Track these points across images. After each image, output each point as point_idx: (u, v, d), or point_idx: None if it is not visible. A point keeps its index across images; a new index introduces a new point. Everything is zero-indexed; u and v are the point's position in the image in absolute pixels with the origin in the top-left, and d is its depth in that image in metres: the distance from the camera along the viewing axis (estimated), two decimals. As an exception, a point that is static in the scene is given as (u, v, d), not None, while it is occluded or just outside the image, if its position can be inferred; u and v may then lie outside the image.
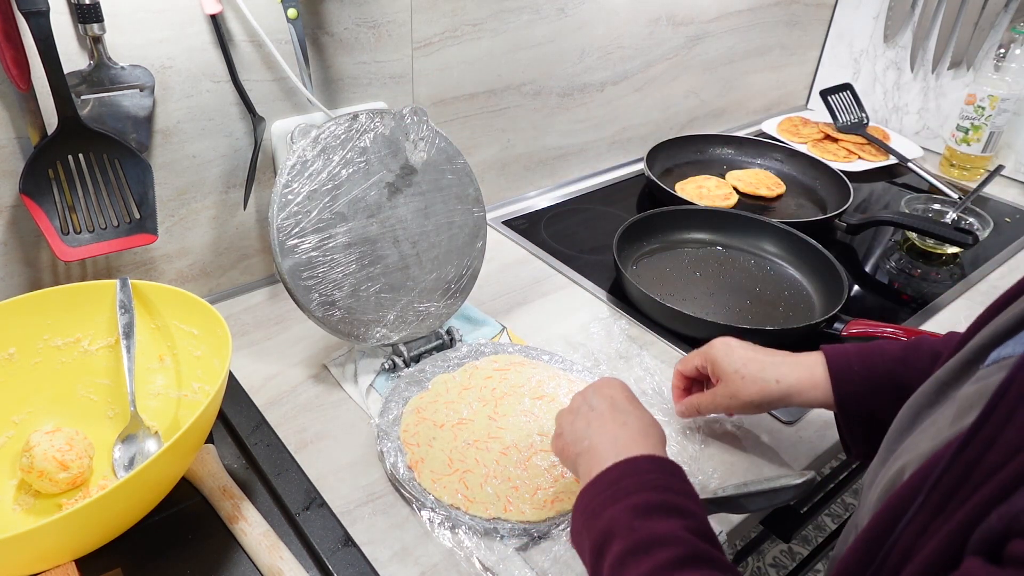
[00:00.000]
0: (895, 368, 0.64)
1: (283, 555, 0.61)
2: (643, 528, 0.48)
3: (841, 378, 0.65)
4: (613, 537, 0.49)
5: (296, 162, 0.75)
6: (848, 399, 0.65)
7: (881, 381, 0.64)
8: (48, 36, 0.67)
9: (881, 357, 0.65)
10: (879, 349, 0.66)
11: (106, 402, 0.74)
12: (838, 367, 0.66)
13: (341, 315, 0.79)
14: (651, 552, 0.47)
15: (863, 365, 0.65)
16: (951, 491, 0.37)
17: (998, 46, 1.33)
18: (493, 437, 0.74)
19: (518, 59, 1.11)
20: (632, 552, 0.47)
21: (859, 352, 0.66)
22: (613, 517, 0.50)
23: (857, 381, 0.65)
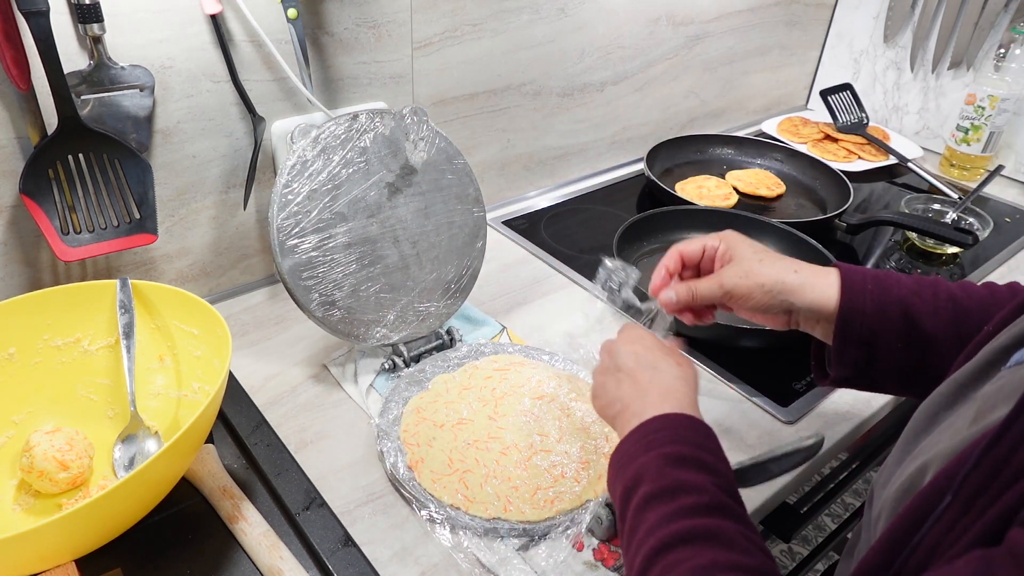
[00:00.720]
0: (907, 297, 0.62)
1: (283, 555, 0.61)
2: (671, 475, 0.50)
3: (852, 291, 0.62)
4: (642, 481, 0.50)
5: (296, 162, 0.75)
6: (853, 314, 0.62)
7: (891, 306, 0.61)
8: (48, 36, 0.67)
9: (896, 284, 0.63)
10: (895, 276, 0.64)
11: (106, 402, 0.74)
12: (851, 281, 0.63)
13: (341, 315, 0.79)
14: (676, 497, 0.48)
15: (876, 285, 0.63)
16: (980, 489, 0.37)
17: (998, 46, 1.33)
18: (493, 437, 0.74)
19: (518, 59, 1.11)
20: (657, 495, 0.49)
21: (874, 274, 0.64)
22: (644, 463, 0.51)
23: (867, 299, 0.62)
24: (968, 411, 0.44)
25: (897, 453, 0.50)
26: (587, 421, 0.75)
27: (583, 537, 0.66)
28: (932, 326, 0.60)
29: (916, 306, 0.61)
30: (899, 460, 0.49)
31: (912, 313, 0.61)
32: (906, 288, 0.62)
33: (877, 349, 0.62)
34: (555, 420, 0.75)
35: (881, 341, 0.61)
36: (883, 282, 0.63)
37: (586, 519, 0.67)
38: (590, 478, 0.70)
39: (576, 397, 0.78)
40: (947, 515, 0.38)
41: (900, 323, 0.61)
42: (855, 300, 0.62)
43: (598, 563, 0.64)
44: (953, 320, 0.60)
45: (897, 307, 0.61)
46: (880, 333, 0.61)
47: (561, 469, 0.71)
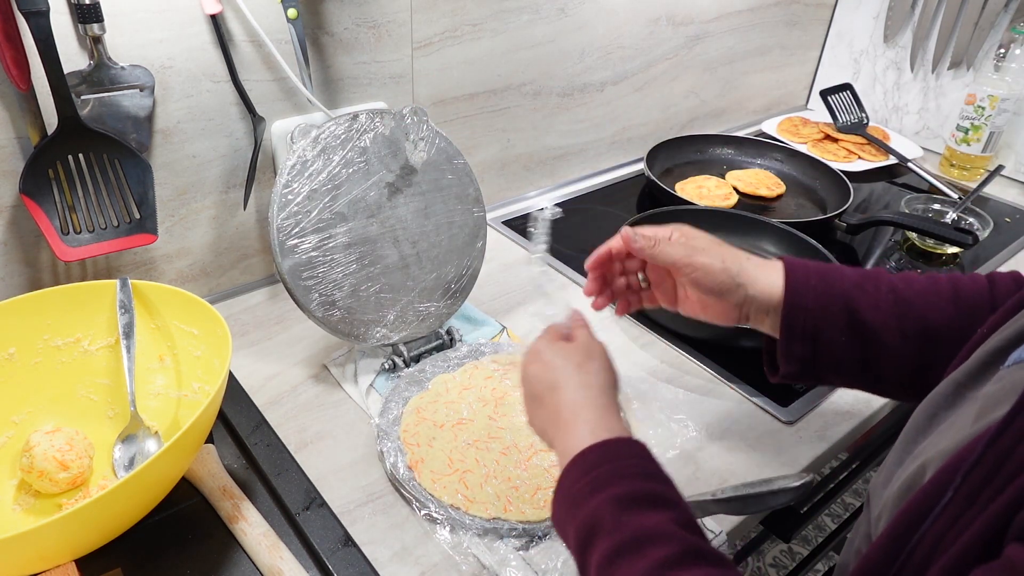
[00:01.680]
0: (849, 291, 0.61)
1: (283, 555, 0.61)
2: (631, 523, 0.46)
3: (795, 285, 0.62)
4: (599, 531, 0.47)
5: (296, 162, 0.75)
6: (796, 309, 0.61)
7: (833, 299, 0.61)
8: (48, 36, 0.67)
9: (839, 277, 0.63)
10: (838, 270, 0.64)
11: (106, 402, 0.74)
12: (795, 275, 0.63)
13: (341, 315, 0.79)
14: (643, 550, 0.45)
15: (820, 279, 0.62)
16: (982, 484, 0.36)
17: (998, 46, 1.33)
18: (493, 437, 0.74)
19: (518, 59, 1.11)
20: (623, 551, 0.45)
21: (818, 268, 0.63)
22: (597, 508, 0.48)
23: (810, 294, 0.62)
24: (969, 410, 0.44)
25: (896, 453, 0.50)
26: None
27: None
28: (874, 319, 0.60)
29: (858, 299, 0.61)
30: (899, 460, 0.49)
31: (854, 306, 0.61)
32: (849, 281, 0.62)
33: (821, 343, 0.61)
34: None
35: (824, 335, 0.61)
36: (827, 276, 0.63)
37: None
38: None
39: None
40: (948, 511, 0.38)
41: (842, 317, 0.61)
42: (798, 294, 0.62)
43: (598, 563, 0.64)
44: (895, 312, 0.60)
45: (839, 301, 0.61)
46: (823, 327, 0.61)
47: None
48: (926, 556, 0.38)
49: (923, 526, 0.39)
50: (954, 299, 0.61)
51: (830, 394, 0.85)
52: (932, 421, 0.48)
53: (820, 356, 0.62)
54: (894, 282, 0.62)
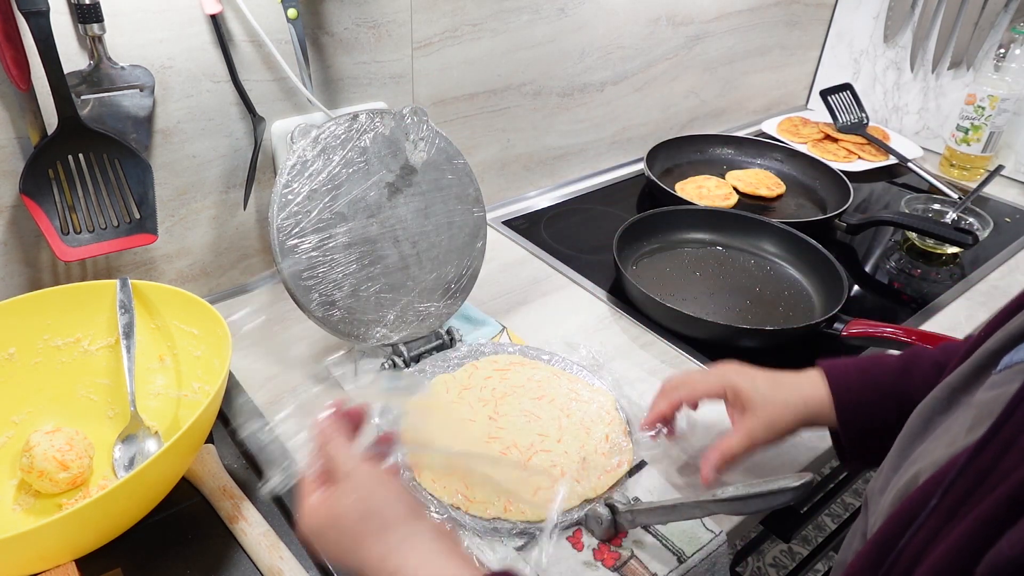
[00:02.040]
0: (897, 382, 0.63)
1: (283, 555, 0.61)
2: None
3: (841, 392, 0.65)
4: None
5: (296, 162, 0.75)
6: (849, 411, 0.64)
7: (884, 398, 0.63)
8: (48, 36, 0.67)
9: (880, 369, 0.65)
10: (877, 361, 0.66)
11: (106, 402, 0.74)
12: (837, 382, 0.65)
13: (341, 315, 0.79)
14: None
15: (862, 378, 0.65)
16: (963, 497, 0.36)
17: (998, 46, 1.33)
18: (493, 437, 0.74)
19: (518, 59, 1.11)
20: None
21: (857, 365, 0.66)
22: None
23: (857, 391, 0.64)
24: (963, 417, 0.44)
25: (892, 459, 0.50)
26: (587, 421, 0.75)
27: (583, 537, 0.66)
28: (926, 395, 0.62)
29: (905, 385, 0.63)
30: (895, 466, 0.49)
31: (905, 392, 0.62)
32: (891, 369, 0.64)
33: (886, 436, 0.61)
34: (555, 420, 0.75)
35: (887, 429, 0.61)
36: (867, 372, 0.65)
37: (586, 518, 0.67)
38: (590, 478, 0.70)
39: (576, 397, 0.78)
40: (930, 521, 0.38)
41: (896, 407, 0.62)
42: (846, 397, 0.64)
43: (598, 563, 0.64)
44: None
45: (890, 395, 0.63)
46: (882, 422, 0.62)
47: (561, 469, 0.71)
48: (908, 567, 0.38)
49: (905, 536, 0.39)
50: None
51: (830, 394, 0.85)
52: (927, 426, 0.49)
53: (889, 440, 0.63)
54: (935, 356, 0.64)
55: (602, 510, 0.65)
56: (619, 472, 0.71)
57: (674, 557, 0.65)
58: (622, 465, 0.71)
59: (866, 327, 0.90)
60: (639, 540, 0.66)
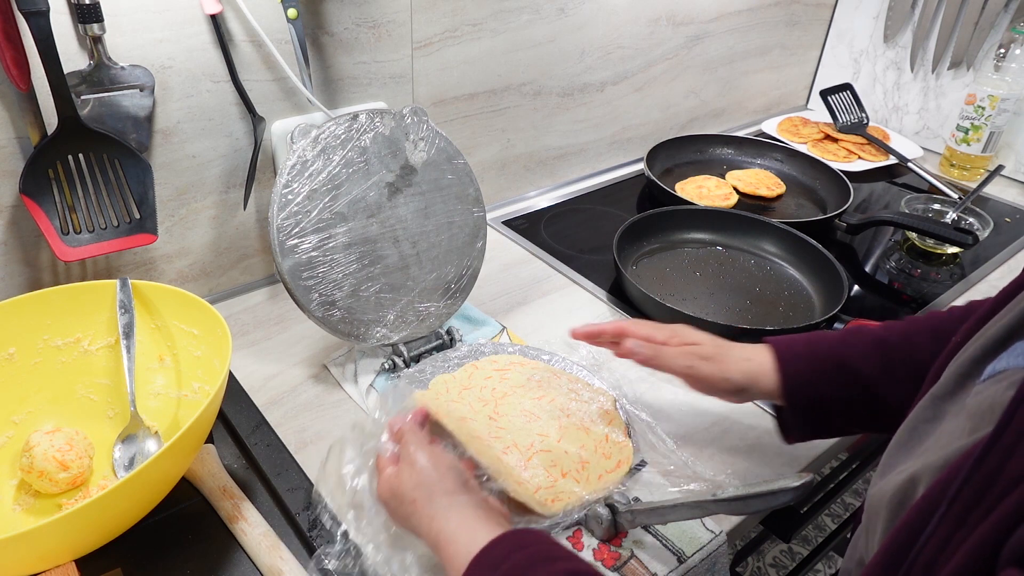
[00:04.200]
0: (838, 350, 0.66)
1: (283, 555, 0.61)
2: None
3: (787, 363, 0.67)
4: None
5: (296, 162, 0.75)
6: (795, 387, 0.66)
7: (826, 364, 0.66)
8: (48, 36, 0.67)
9: (823, 340, 0.67)
10: (820, 334, 0.69)
11: (106, 402, 0.74)
12: (782, 353, 0.67)
13: (341, 315, 0.79)
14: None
15: (806, 347, 0.67)
16: (972, 503, 0.36)
17: (998, 46, 1.33)
18: (493, 437, 0.73)
19: (518, 59, 1.11)
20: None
21: (801, 338, 0.68)
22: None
23: (803, 365, 0.66)
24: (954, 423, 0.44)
25: (882, 468, 0.51)
26: (587, 421, 0.75)
27: (583, 537, 0.66)
28: (865, 369, 0.64)
29: (845, 355, 0.65)
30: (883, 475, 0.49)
31: (845, 363, 0.65)
32: (833, 340, 0.67)
33: (825, 407, 0.66)
34: (555, 420, 0.75)
35: (826, 399, 0.65)
36: (811, 342, 0.68)
37: (586, 519, 0.67)
38: (590, 478, 0.70)
39: (576, 397, 0.78)
40: (940, 530, 0.38)
41: (837, 377, 0.65)
42: (792, 370, 0.66)
43: (598, 563, 0.64)
44: (882, 361, 0.64)
45: (830, 362, 0.66)
46: (823, 392, 0.65)
47: (561, 469, 0.71)
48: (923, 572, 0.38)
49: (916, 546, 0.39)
50: (932, 335, 0.65)
51: (830, 394, 0.85)
52: (913, 435, 0.49)
53: (830, 418, 0.66)
54: (876, 332, 0.67)
55: (602, 510, 0.65)
56: (619, 472, 0.71)
57: (674, 557, 0.65)
58: (622, 465, 0.71)
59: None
60: (639, 540, 0.66)
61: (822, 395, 0.65)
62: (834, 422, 0.67)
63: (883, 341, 0.66)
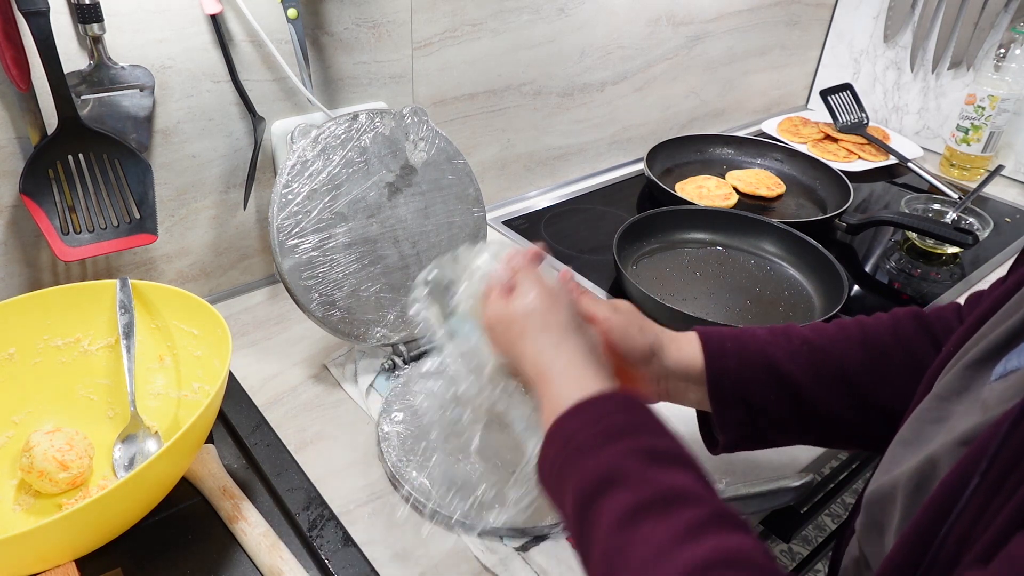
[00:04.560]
0: (765, 347, 0.62)
1: (283, 555, 0.61)
2: (657, 479, 0.42)
3: (713, 350, 0.62)
4: (617, 483, 0.43)
5: (296, 162, 0.75)
6: (720, 373, 0.61)
7: (752, 356, 0.61)
8: (48, 36, 0.67)
9: (752, 336, 0.63)
10: (750, 331, 0.64)
11: (106, 402, 0.74)
12: (710, 340, 0.62)
13: (341, 315, 0.79)
14: (672, 510, 0.41)
15: (735, 341, 0.62)
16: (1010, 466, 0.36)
17: (998, 46, 1.33)
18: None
19: (518, 59, 1.11)
20: (647, 507, 0.41)
21: (731, 332, 0.64)
22: (614, 459, 0.44)
23: (729, 356, 0.61)
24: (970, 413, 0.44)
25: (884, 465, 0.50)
26: None
27: (583, 537, 0.66)
28: (793, 370, 0.60)
29: (774, 354, 0.61)
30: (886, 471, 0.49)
31: (773, 361, 0.61)
32: (762, 339, 0.62)
33: (752, 405, 0.61)
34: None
35: (754, 396, 0.61)
36: (740, 337, 0.63)
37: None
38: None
39: None
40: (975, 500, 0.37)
41: (764, 374, 0.61)
42: (718, 359, 0.61)
43: (598, 563, 0.64)
44: (810, 361, 0.61)
45: (759, 358, 0.61)
46: (751, 388, 0.61)
47: None
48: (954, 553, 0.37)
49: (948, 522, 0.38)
50: (863, 342, 0.61)
51: (830, 394, 0.85)
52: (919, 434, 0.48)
53: (756, 418, 0.61)
54: (805, 333, 0.63)
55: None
56: None
57: (674, 557, 0.65)
58: None
59: (866, 327, 0.90)
60: (639, 540, 0.66)
61: (749, 394, 0.61)
62: (759, 427, 0.62)
63: (811, 344, 0.62)
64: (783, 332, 0.63)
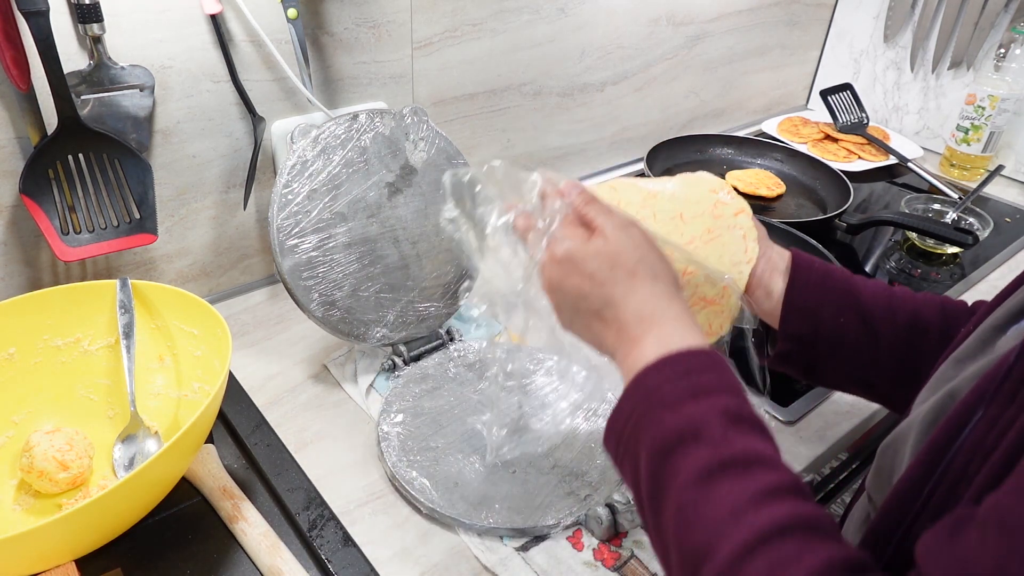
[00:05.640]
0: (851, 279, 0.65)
1: (283, 555, 0.61)
2: (739, 441, 0.42)
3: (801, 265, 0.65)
4: (699, 439, 0.42)
5: (296, 162, 0.75)
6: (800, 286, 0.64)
7: (836, 284, 0.64)
8: (48, 36, 0.67)
9: (839, 269, 0.67)
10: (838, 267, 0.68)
11: (106, 402, 0.74)
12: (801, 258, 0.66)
13: (341, 315, 0.79)
14: (752, 472, 0.41)
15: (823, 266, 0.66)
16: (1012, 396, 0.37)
17: (998, 46, 1.33)
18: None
19: (518, 59, 1.11)
20: (728, 465, 0.41)
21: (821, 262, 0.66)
22: (699, 415, 0.43)
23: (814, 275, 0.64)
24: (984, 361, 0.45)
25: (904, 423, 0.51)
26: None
27: (583, 537, 0.66)
28: (871, 303, 0.63)
29: (857, 284, 0.65)
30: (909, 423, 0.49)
31: (854, 290, 0.64)
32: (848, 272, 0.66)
33: (822, 322, 0.63)
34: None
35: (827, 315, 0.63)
36: (828, 265, 0.66)
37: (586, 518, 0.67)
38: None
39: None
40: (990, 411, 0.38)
41: (844, 296, 0.63)
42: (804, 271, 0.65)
43: (598, 563, 0.64)
44: (889, 303, 0.64)
45: (840, 284, 0.64)
46: (827, 305, 0.63)
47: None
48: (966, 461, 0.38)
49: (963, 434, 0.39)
50: (941, 307, 0.65)
51: (830, 394, 0.85)
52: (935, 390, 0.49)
53: (819, 334, 0.64)
54: (887, 284, 0.66)
55: (602, 510, 0.66)
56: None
57: (674, 557, 0.65)
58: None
59: (866, 327, 0.89)
60: (639, 540, 0.66)
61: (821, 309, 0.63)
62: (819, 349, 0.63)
63: (893, 290, 0.65)
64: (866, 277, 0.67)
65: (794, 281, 0.64)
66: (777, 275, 0.65)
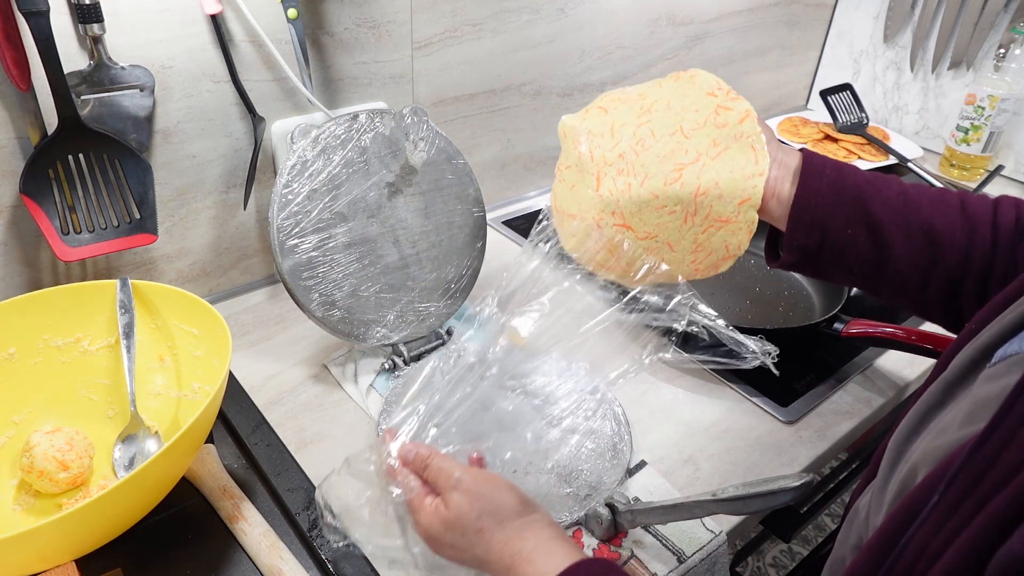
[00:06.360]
0: (862, 186, 0.63)
1: (283, 555, 0.61)
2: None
3: (810, 174, 0.63)
4: None
5: (296, 162, 0.75)
6: (808, 197, 0.62)
7: (846, 191, 0.62)
8: (48, 36, 0.67)
9: (853, 173, 0.64)
10: (852, 167, 0.65)
11: (106, 402, 0.74)
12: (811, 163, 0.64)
13: (341, 315, 0.79)
14: None
15: (835, 170, 0.63)
16: (966, 490, 0.36)
17: (998, 46, 1.33)
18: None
19: (518, 59, 1.11)
20: None
21: (834, 162, 0.65)
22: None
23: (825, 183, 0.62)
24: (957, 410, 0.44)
25: (890, 455, 0.50)
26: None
27: (583, 537, 0.66)
28: (881, 213, 0.61)
29: (868, 192, 0.62)
30: (893, 463, 0.49)
31: (864, 199, 0.62)
32: (861, 177, 0.63)
33: (828, 233, 0.62)
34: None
35: (833, 224, 0.62)
36: (841, 168, 0.64)
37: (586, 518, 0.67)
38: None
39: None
40: (933, 516, 0.38)
41: (852, 208, 0.62)
42: (814, 178, 0.63)
43: (598, 563, 0.64)
44: (902, 210, 0.62)
45: (851, 191, 0.62)
46: (833, 216, 0.62)
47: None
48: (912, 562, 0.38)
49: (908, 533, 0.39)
50: (960, 208, 0.62)
51: (830, 394, 0.85)
52: (923, 421, 0.48)
53: (826, 246, 0.63)
54: (904, 185, 0.63)
55: (602, 510, 0.66)
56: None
57: (674, 557, 0.65)
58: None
59: (866, 327, 0.89)
60: (639, 540, 0.66)
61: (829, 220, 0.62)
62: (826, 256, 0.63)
63: (907, 195, 0.62)
64: (883, 178, 0.64)
65: (803, 190, 0.63)
66: (787, 179, 0.64)
